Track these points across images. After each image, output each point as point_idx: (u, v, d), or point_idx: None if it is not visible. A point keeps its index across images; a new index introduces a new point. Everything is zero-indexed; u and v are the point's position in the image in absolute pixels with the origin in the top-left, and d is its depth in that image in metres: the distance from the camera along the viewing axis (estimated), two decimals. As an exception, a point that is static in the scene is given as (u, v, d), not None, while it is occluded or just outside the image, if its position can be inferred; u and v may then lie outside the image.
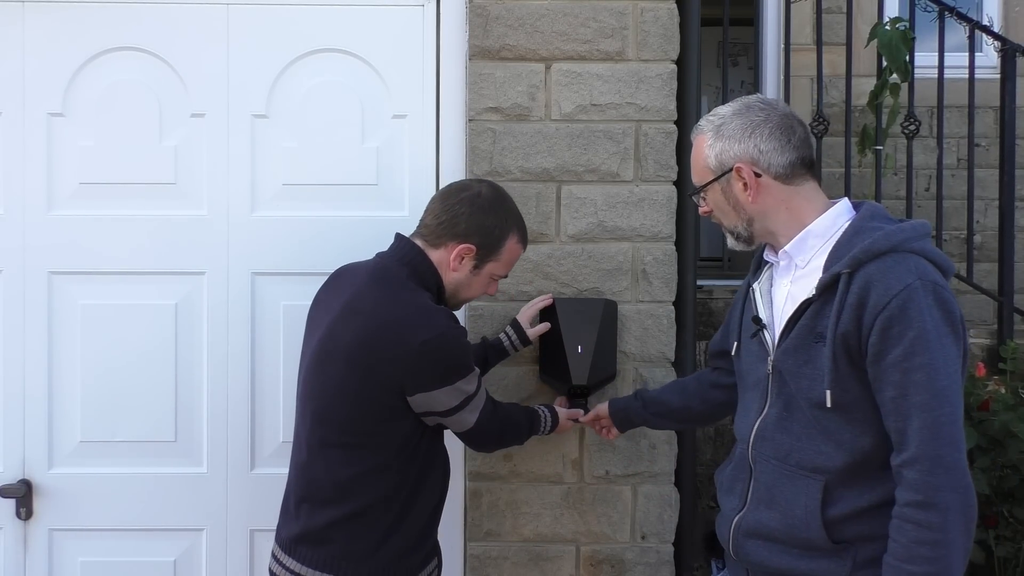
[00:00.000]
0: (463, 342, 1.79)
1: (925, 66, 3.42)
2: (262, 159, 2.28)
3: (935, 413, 1.39)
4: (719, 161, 1.59)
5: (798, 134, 1.58)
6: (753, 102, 1.61)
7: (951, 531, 1.38)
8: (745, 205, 1.59)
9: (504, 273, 1.90)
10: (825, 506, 1.50)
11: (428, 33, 2.29)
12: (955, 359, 1.43)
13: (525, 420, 1.98)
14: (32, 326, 2.25)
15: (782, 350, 1.56)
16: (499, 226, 1.83)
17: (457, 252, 1.81)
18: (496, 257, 1.85)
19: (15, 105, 2.25)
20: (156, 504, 2.28)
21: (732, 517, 1.63)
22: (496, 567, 2.22)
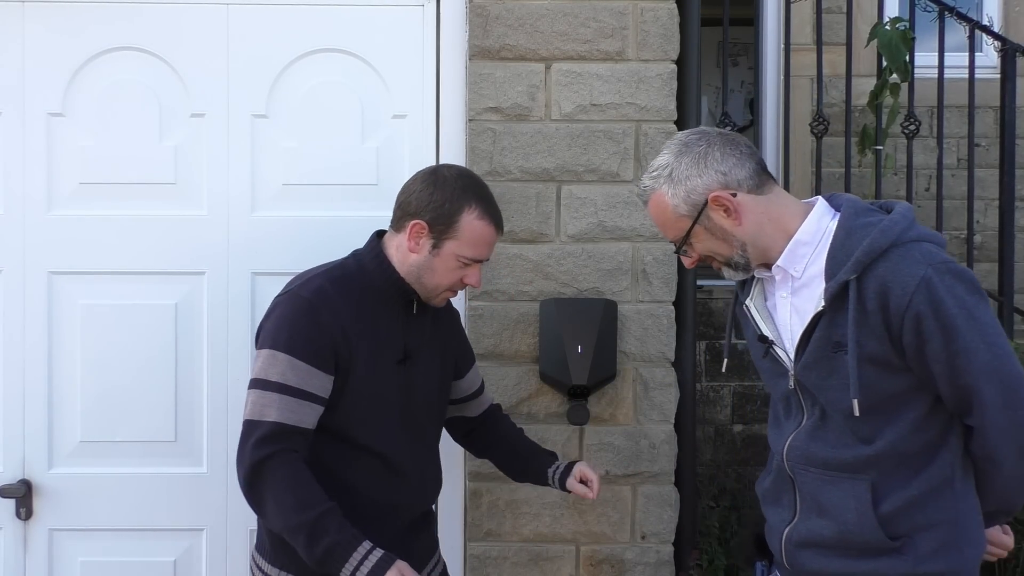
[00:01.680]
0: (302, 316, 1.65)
1: (925, 66, 3.42)
2: (262, 159, 2.28)
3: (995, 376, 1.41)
4: (691, 204, 1.53)
5: (743, 142, 1.55)
6: (684, 138, 1.57)
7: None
8: (734, 231, 1.53)
9: (473, 255, 1.75)
10: (876, 504, 1.48)
11: (428, 33, 2.29)
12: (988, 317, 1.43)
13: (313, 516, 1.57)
14: (32, 326, 2.25)
15: (802, 366, 1.53)
16: (451, 199, 1.71)
17: (411, 231, 1.73)
18: (453, 235, 1.72)
19: (15, 105, 2.25)
20: (156, 504, 2.28)
21: (782, 529, 1.61)
22: (496, 567, 2.22)
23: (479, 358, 2.19)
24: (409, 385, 1.80)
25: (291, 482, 1.60)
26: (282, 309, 1.69)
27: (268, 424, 1.61)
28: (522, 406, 2.21)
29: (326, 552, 1.56)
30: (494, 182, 2.18)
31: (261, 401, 1.63)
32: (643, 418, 2.22)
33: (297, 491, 1.59)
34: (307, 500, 1.59)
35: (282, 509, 1.59)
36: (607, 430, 2.21)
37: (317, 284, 1.72)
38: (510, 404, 2.20)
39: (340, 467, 1.72)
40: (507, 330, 2.20)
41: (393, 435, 1.77)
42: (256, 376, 1.66)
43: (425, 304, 1.84)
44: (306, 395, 1.64)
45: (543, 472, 1.98)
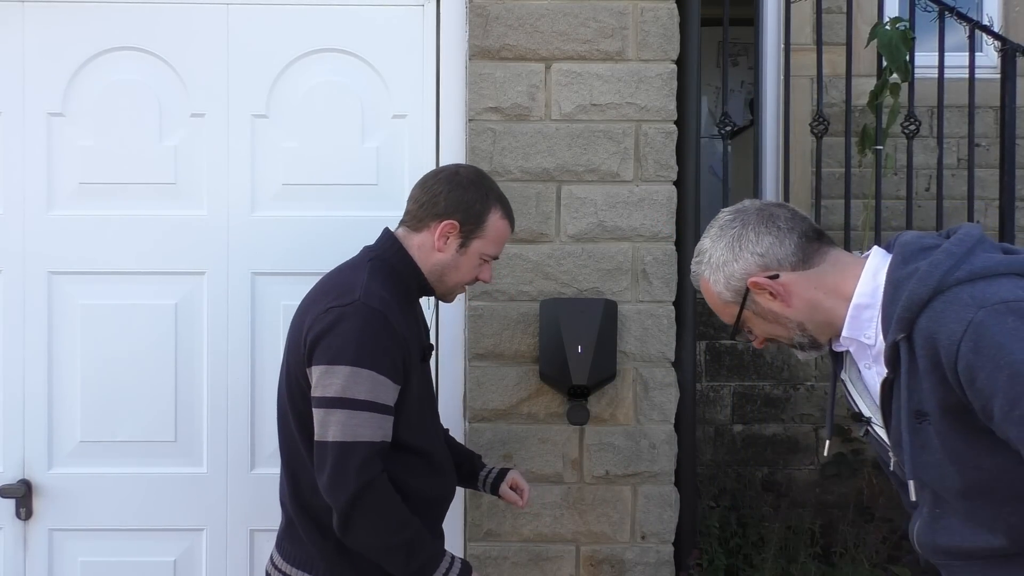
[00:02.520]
0: (373, 328, 1.62)
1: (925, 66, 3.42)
2: (262, 159, 2.28)
3: None
4: (733, 290, 1.44)
5: (783, 216, 1.43)
6: (722, 219, 1.47)
7: None
8: (784, 313, 1.42)
9: (494, 253, 1.81)
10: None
11: (428, 33, 2.29)
12: None
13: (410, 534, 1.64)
14: (32, 326, 2.25)
15: (892, 444, 1.38)
16: (480, 200, 1.76)
17: (441, 230, 1.75)
18: (481, 234, 1.77)
19: (15, 105, 2.25)
20: (156, 504, 2.28)
21: None
22: (496, 567, 2.22)
23: (479, 358, 2.20)
24: (429, 381, 1.86)
25: (390, 504, 1.63)
26: (353, 322, 1.62)
27: (365, 445, 1.60)
28: (522, 406, 2.21)
29: (421, 567, 1.65)
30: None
31: (352, 422, 1.60)
32: (643, 418, 2.22)
33: (396, 513, 1.63)
34: (403, 520, 1.64)
35: (384, 531, 1.62)
36: (607, 430, 2.21)
37: (377, 292, 1.67)
38: (510, 404, 2.20)
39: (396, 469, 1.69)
40: (507, 330, 2.20)
41: (429, 432, 1.81)
42: (338, 395, 1.60)
43: None
44: (388, 409, 1.65)
45: (475, 475, 2.01)
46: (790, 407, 3.05)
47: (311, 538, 1.73)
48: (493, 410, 2.20)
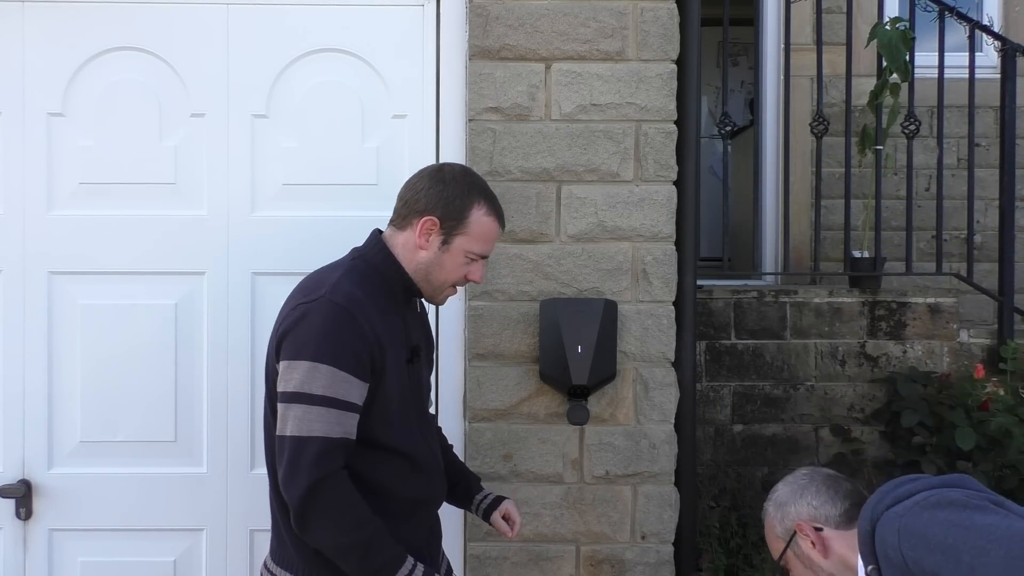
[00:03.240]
0: (341, 324, 1.61)
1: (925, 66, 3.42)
2: (262, 159, 2.28)
3: None
4: (784, 527, 1.65)
5: (845, 487, 1.63)
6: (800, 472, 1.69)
7: None
8: (820, 563, 1.61)
9: (480, 250, 1.77)
10: None
11: (428, 33, 2.29)
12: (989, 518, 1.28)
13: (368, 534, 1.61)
14: (32, 326, 2.25)
15: None
16: (460, 195, 1.73)
17: (421, 227, 1.73)
18: (464, 230, 1.74)
19: (15, 105, 2.25)
20: (156, 504, 2.28)
21: None
22: (496, 567, 2.22)
23: (479, 358, 2.20)
24: (417, 383, 1.82)
25: (346, 502, 1.60)
26: (316, 318, 1.63)
27: (319, 440, 1.59)
28: (522, 406, 2.21)
29: (378, 569, 1.61)
30: (494, 182, 2.18)
31: (307, 416, 1.59)
32: (643, 418, 2.22)
33: (352, 511, 1.60)
34: (360, 519, 1.60)
35: (337, 530, 1.59)
36: (607, 430, 2.21)
37: (346, 289, 1.66)
38: (510, 404, 2.20)
39: (369, 469, 1.69)
40: (507, 330, 2.20)
41: (413, 433, 1.77)
42: (296, 390, 1.60)
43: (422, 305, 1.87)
44: (350, 406, 1.62)
45: (469, 497, 2.00)
46: (790, 407, 3.05)
47: (290, 538, 1.73)
48: (493, 410, 2.20)
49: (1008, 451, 2.59)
